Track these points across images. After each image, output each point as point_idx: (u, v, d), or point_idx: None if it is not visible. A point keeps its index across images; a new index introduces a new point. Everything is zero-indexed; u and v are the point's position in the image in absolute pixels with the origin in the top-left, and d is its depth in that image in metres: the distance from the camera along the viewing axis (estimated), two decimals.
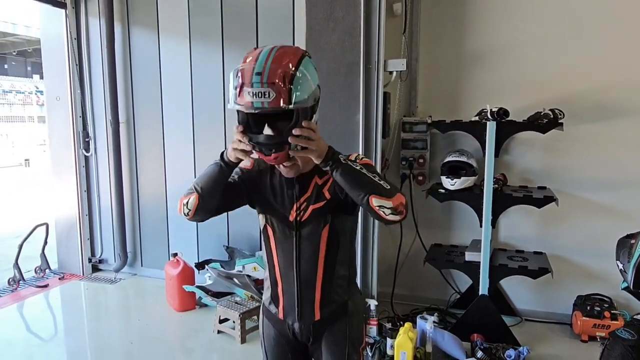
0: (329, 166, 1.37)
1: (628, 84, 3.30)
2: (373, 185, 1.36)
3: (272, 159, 1.39)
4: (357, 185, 1.36)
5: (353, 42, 3.11)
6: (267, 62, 1.30)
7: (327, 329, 1.63)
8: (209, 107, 4.16)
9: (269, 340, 1.71)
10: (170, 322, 3.78)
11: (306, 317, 1.60)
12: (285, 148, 1.35)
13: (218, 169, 1.47)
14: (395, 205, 1.34)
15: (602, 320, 3.23)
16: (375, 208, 1.34)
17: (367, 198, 1.34)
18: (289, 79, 1.29)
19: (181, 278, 3.81)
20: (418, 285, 3.86)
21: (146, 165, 4.52)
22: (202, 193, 1.48)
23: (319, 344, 1.65)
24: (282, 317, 1.63)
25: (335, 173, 1.37)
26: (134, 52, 4.39)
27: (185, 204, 1.50)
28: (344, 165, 1.37)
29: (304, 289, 1.58)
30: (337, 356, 1.63)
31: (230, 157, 1.44)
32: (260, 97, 1.28)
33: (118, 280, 4.58)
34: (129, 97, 4.46)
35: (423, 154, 3.65)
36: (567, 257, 3.54)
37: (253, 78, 1.28)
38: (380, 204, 1.34)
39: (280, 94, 1.28)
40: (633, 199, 3.35)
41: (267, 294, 1.68)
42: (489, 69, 3.57)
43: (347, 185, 1.38)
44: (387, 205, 1.34)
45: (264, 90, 1.27)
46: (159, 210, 4.50)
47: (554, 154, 3.50)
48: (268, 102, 1.28)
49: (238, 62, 1.39)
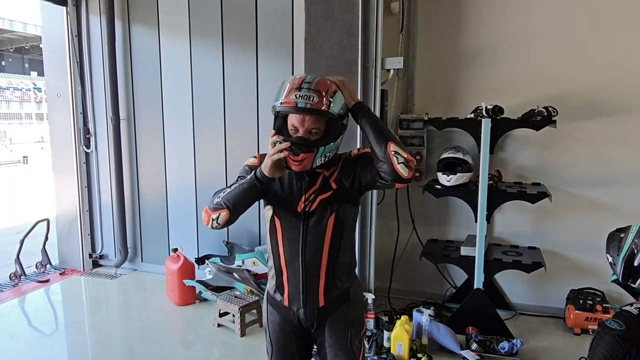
0: (358, 111, 1.55)
1: (620, 83, 3.36)
2: (394, 137, 1.54)
3: (299, 159, 1.54)
4: (381, 132, 1.52)
5: (351, 41, 3.17)
6: (314, 79, 1.55)
7: (331, 315, 1.70)
8: (209, 104, 4.21)
9: (273, 327, 1.76)
10: (171, 316, 3.84)
11: (311, 304, 1.68)
12: (313, 151, 1.53)
13: (251, 187, 1.57)
14: (408, 158, 1.50)
15: (595, 314, 3.30)
16: (391, 153, 1.48)
17: (386, 143, 1.49)
18: (331, 92, 1.53)
19: (181, 273, 3.87)
20: (414, 280, 3.93)
21: (146, 162, 4.57)
22: (234, 210, 1.58)
23: (322, 329, 1.72)
24: (287, 304, 1.70)
25: (363, 120, 1.54)
26: (135, 49, 4.43)
27: (215, 219, 1.60)
28: (371, 115, 1.56)
29: (308, 277, 1.66)
30: (340, 340, 1.70)
31: (265, 171, 1.55)
32: (305, 99, 1.49)
33: (118, 275, 4.63)
34: (130, 94, 4.51)
35: (420, 151, 3.71)
36: (560, 252, 3.61)
37: (302, 84, 1.52)
38: (396, 150, 1.49)
39: (322, 100, 1.51)
40: (624, 195, 3.42)
41: (271, 283, 1.74)
42: (485, 67, 3.63)
43: (371, 130, 1.52)
44: (402, 154, 1.49)
45: (310, 94, 1.50)
46: (159, 206, 4.56)
47: (547, 151, 3.56)
48: (311, 104, 1.49)
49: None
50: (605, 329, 2.22)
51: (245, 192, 1.58)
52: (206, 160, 4.32)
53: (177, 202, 4.50)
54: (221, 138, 4.20)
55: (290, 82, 1.54)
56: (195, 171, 4.37)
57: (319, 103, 1.49)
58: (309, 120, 1.53)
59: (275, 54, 3.92)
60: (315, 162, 1.56)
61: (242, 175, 1.64)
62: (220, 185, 1.77)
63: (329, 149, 1.56)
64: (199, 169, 4.36)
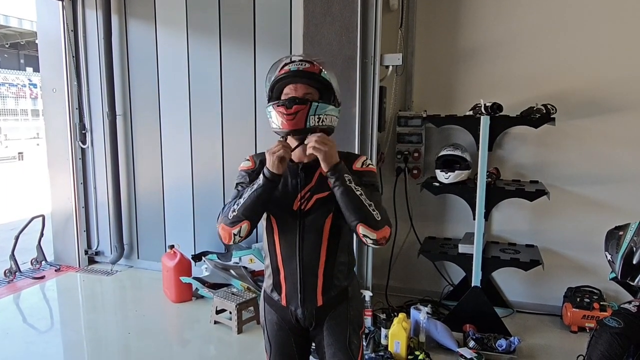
0: (333, 180, 1.51)
1: (618, 81, 3.36)
2: (366, 214, 1.50)
3: (292, 112, 1.52)
4: (352, 210, 1.51)
5: (350, 37, 3.15)
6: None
7: (329, 314, 1.68)
8: (206, 100, 4.19)
9: (271, 326, 1.74)
10: (167, 313, 3.82)
11: (309, 303, 1.65)
12: (307, 104, 1.53)
13: (265, 190, 1.53)
14: (378, 238, 1.50)
15: (592, 312, 3.30)
16: (360, 235, 1.51)
17: (356, 224, 1.51)
18: (322, 65, 1.61)
19: (178, 269, 3.85)
20: (412, 278, 3.92)
21: (143, 158, 4.54)
22: (253, 219, 1.56)
23: (321, 328, 1.69)
24: (285, 303, 1.68)
25: (336, 189, 1.51)
26: (131, 44, 4.40)
27: (237, 233, 1.54)
28: (346, 187, 1.50)
29: (306, 276, 1.63)
30: (339, 340, 1.68)
31: (273, 168, 1.51)
32: (298, 65, 1.57)
33: (114, 272, 4.60)
34: (126, 90, 4.48)
35: (418, 148, 3.70)
36: (558, 250, 3.61)
37: (295, 58, 1.61)
38: (365, 233, 1.50)
39: (314, 67, 1.58)
40: (622, 193, 3.42)
41: (268, 282, 1.72)
42: (484, 64, 3.62)
43: (342, 205, 1.52)
44: (371, 236, 1.50)
45: (302, 62, 1.59)
46: (156, 202, 4.53)
47: (546, 148, 3.56)
48: (303, 68, 1.57)
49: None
50: (603, 326, 2.22)
51: (260, 197, 1.53)
52: (203, 156, 4.30)
53: (174, 199, 4.47)
54: (218, 134, 4.18)
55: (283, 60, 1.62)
56: (192, 167, 4.35)
57: (310, 67, 1.57)
58: (301, 87, 1.56)
59: (273, 50, 3.89)
60: (308, 120, 1.53)
61: (241, 182, 1.63)
62: (217, 182, 1.77)
63: (322, 107, 1.55)
64: (195, 165, 4.33)
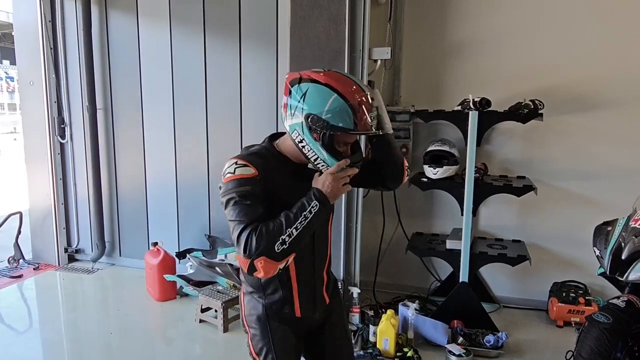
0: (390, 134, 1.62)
1: (605, 78, 3.37)
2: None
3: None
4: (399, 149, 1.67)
5: (338, 30, 3.09)
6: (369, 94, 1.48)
7: (331, 309, 1.70)
8: (190, 93, 4.09)
9: (282, 343, 1.59)
10: (151, 312, 3.73)
11: (320, 305, 1.65)
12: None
13: (317, 219, 1.38)
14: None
15: (577, 306, 3.33)
16: (405, 167, 1.65)
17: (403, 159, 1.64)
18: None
19: (162, 267, 3.76)
20: (399, 274, 3.90)
21: (125, 153, 4.43)
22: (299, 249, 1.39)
23: (323, 326, 1.70)
24: (300, 314, 1.59)
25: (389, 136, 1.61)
26: (112, 36, 4.27)
27: (282, 267, 1.39)
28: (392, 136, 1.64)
29: (317, 279, 1.62)
30: (340, 326, 1.74)
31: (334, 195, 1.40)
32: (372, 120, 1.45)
33: (95, 270, 4.49)
34: (107, 83, 4.35)
35: (406, 144, 3.67)
36: (544, 245, 3.62)
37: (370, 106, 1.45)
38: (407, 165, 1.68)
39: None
40: (607, 189, 3.45)
41: (272, 298, 1.56)
42: (472, 59, 3.60)
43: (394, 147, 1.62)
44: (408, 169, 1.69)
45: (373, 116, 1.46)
46: (138, 198, 4.43)
47: (532, 144, 3.56)
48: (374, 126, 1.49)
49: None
50: (592, 322, 2.23)
51: (312, 227, 1.38)
52: (187, 151, 4.20)
53: (157, 195, 4.37)
54: (203, 129, 4.08)
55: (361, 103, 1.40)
56: (176, 163, 4.25)
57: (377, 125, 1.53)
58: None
59: (259, 43, 3.82)
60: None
61: (251, 194, 1.39)
62: (201, 177, 1.72)
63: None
64: (179, 160, 4.24)
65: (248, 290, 1.60)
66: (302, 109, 1.41)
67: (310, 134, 1.41)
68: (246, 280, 1.59)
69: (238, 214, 1.36)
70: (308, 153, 1.44)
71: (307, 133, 1.41)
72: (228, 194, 1.39)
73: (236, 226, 1.35)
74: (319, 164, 1.44)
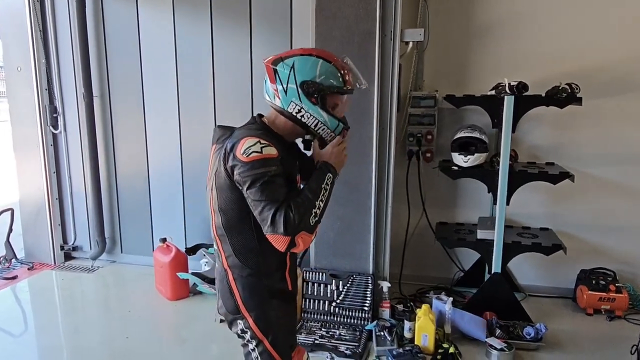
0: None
1: (636, 59, 3.29)
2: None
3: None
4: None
5: (368, 9, 2.90)
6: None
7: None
8: (196, 79, 3.82)
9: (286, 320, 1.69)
10: (164, 311, 3.52)
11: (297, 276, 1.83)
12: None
13: (332, 187, 1.55)
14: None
15: (608, 294, 3.28)
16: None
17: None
18: None
19: (174, 265, 3.54)
20: (422, 265, 3.78)
21: (124, 142, 4.14)
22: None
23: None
24: (291, 287, 1.69)
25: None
26: (108, 16, 3.94)
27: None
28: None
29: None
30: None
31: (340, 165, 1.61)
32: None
33: (96, 268, 4.22)
34: (103, 68, 4.03)
35: (431, 130, 3.52)
36: (570, 232, 3.54)
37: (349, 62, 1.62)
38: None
39: None
40: (635, 174, 3.39)
41: (273, 277, 1.62)
42: (499, 41, 3.46)
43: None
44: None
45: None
46: (141, 191, 4.16)
47: (561, 129, 3.47)
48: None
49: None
50: None
51: (330, 197, 1.54)
52: (194, 141, 3.95)
53: (161, 187, 4.12)
54: (210, 117, 3.83)
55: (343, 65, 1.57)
56: (182, 154, 3.99)
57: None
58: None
59: (272, 25, 3.57)
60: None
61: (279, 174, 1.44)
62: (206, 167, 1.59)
63: None
64: (185, 151, 3.98)
65: (244, 273, 1.57)
66: (295, 79, 1.49)
67: (308, 100, 1.50)
68: (245, 263, 1.56)
69: (269, 194, 1.40)
70: (308, 120, 1.53)
71: (305, 99, 1.50)
72: (255, 174, 1.40)
73: (268, 206, 1.39)
74: (320, 128, 1.55)
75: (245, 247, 1.55)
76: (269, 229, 1.39)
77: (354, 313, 3.13)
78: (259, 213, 1.41)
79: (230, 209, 1.52)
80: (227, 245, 1.57)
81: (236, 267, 1.57)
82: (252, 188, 1.41)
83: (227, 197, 1.51)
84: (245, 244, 1.54)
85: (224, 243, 1.58)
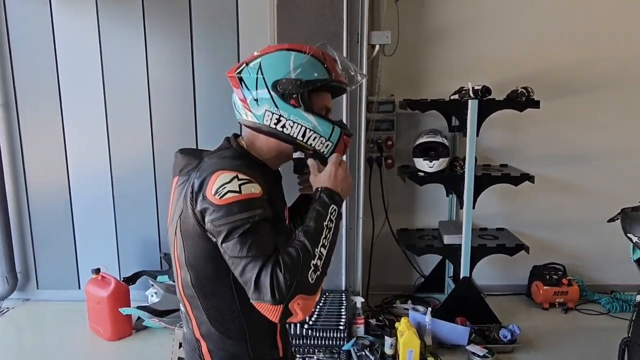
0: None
1: (583, 63, 3.48)
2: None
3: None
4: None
5: (334, 10, 2.72)
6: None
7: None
8: (128, 88, 3.37)
9: None
10: (104, 355, 3.02)
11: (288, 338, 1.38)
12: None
13: (339, 224, 1.14)
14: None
15: (561, 287, 3.44)
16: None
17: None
18: None
19: (114, 299, 3.05)
20: (386, 273, 3.66)
21: (37, 158, 3.53)
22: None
23: None
24: (282, 353, 1.30)
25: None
26: (11, 14, 3.32)
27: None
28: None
29: None
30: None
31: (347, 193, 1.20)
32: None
33: (5, 310, 3.53)
34: (7, 73, 3.40)
35: (390, 136, 3.44)
36: (523, 231, 3.64)
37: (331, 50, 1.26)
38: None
39: None
40: (583, 173, 3.61)
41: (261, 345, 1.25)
42: (453, 46, 3.49)
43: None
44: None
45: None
46: (60, 213, 3.57)
47: (512, 132, 3.59)
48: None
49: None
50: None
51: (336, 238, 1.14)
52: (125, 147, 3.47)
53: (86, 206, 3.56)
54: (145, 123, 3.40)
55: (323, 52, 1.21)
56: (111, 171, 3.49)
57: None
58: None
59: (214, 25, 3.26)
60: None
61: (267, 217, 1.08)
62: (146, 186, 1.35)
63: None
64: (115, 163, 3.48)
65: (222, 346, 1.21)
66: (265, 82, 1.17)
67: (286, 103, 1.17)
68: (223, 332, 1.20)
69: (251, 248, 1.03)
70: (292, 130, 1.18)
71: (282, 103, 1.17)
72: (233, 222, 1.04)
73: (250, 264, 1.02)
74: (310, 137, 1.19)
75: (222, 313, 1.18)
76: (254, 296, 1.02)
77: (329, 334, 2.92)
78: (240, 274, 1.04)
79: (202, 263, 1.15)
80: (198, 311, 1.19)
81: (211, 337, 1.21)
82: (228, 240, 1.04)
83: (197, 249, 1.14)
84: (223, 309, 1.18)
85: (194, 307, 1.20)
